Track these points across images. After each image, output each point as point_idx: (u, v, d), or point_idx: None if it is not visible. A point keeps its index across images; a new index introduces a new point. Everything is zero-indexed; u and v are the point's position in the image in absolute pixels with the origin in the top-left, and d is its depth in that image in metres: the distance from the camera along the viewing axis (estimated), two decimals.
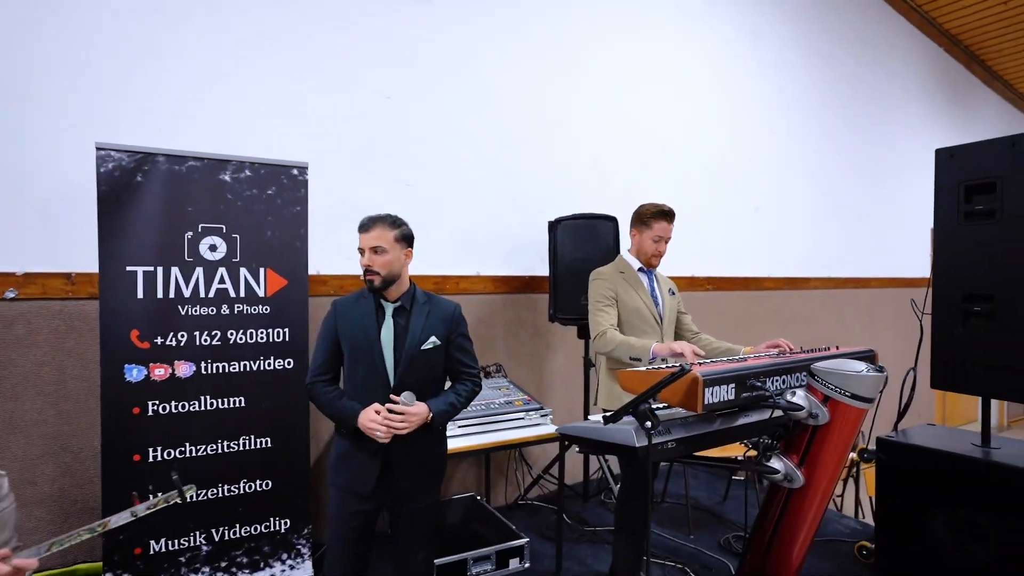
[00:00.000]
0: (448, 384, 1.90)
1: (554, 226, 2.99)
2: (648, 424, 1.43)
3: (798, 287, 4.75)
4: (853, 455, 2.84)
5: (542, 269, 3.28)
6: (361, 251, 1.78)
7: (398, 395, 1.70)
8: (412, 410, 1.69)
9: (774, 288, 4.59)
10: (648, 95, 3.86)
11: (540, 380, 3.40)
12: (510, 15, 3.30)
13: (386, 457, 1.73)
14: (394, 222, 1.80)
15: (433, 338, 1.80)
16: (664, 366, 1.82)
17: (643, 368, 1.82)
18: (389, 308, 1.80)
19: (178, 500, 1.50)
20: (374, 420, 1.66)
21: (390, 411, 1.67)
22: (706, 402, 1.52)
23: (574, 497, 3.25)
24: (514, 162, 3.32)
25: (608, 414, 1.66)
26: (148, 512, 1.45)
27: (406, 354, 1.76)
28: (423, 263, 2.74)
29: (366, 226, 1.78)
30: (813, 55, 4.89)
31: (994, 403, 2.52)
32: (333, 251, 2.70)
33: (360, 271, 1.80)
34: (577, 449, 1.86)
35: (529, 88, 3.36)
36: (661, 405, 1.73)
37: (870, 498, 2.96)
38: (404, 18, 2.97)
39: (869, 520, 3.01)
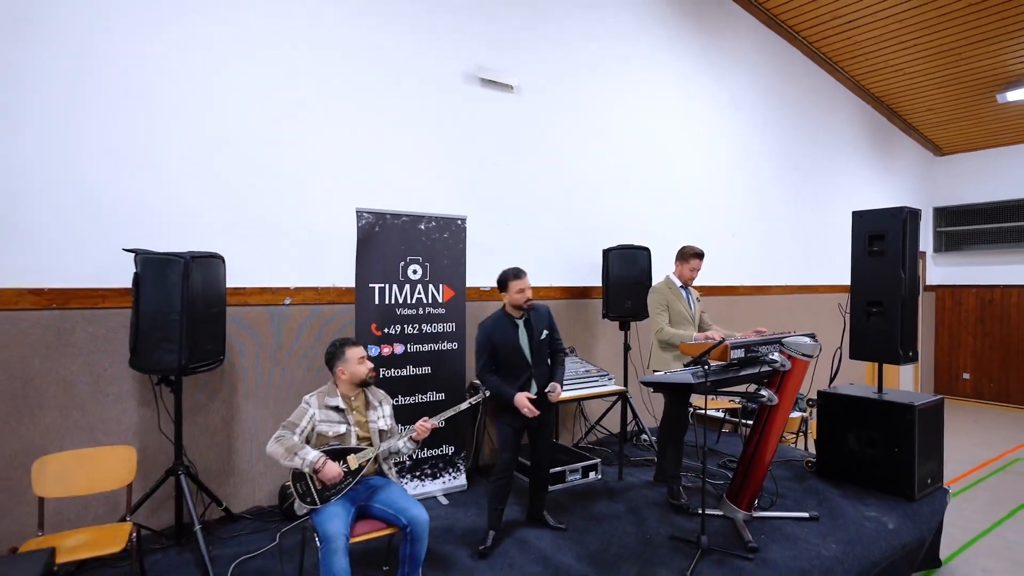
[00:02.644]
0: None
1: (607, 253, 4.38)
2: (704, 367, 2.83)
3: (763, 293, 6.28)
4: (804, 413, 4.37)
5: (592, 281, 4.68)
6: (522, 290, 2.93)
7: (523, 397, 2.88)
8: (557, 392, 2.96)
9: (746, 294, 6.10)
10: (660, 157, 5.30)
11: (593, 358, 4.78)
12: (571, 101, 4.66)
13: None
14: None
15: (544, 331, 3.10)
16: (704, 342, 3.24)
17: (694, 343, 3.24)
18: (520, 322, 2.98)
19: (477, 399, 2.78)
20: (526, 405, 2.83)
21: (539, 396, 2.93)
22: (731, 358, 2.94)
23: (616, 441, 4.64)
24: (573, 209, 4.69)
25: (675, 371, 3.05)
26: (469, 405, 2.74)
27: (535, 345, 3.01)
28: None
29: (524, 274, 2.96)
30: (775, 114, 6.44)
31: (908, 382, 4.02)
32: (476, 273, 3.97)
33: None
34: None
35: (583, 155, 4.74)
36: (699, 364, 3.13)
37: (814, 440, 4.44)
38: (503, 106, 4.30)
39: (812, 450, 4.50)
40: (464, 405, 2.74)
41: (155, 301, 2.60)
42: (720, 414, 5.08)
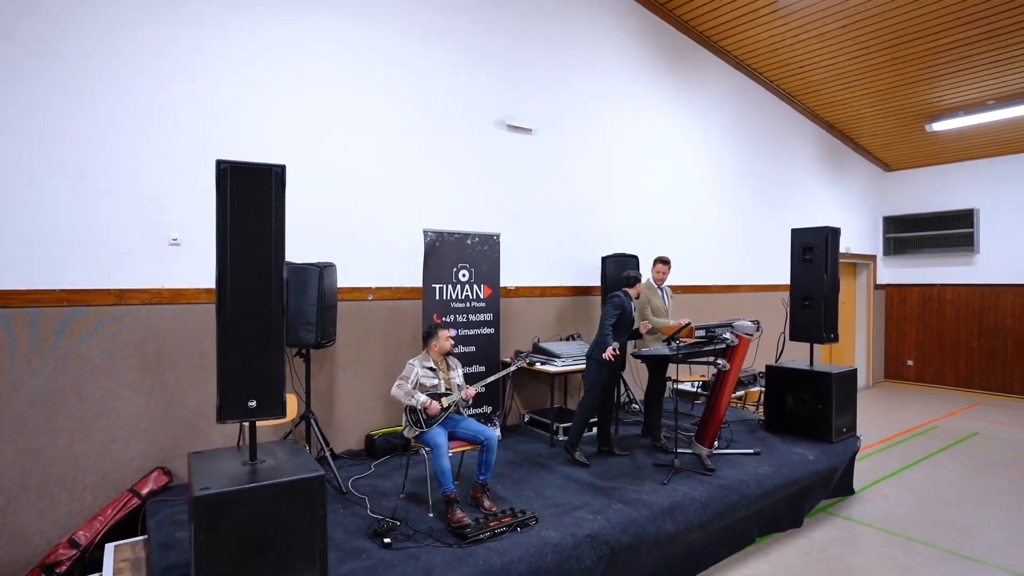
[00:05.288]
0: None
1: (605, 260, 5.60)
2: (674, 343, 4.05)
3: (731, 291, 7.55)
4: (756, 389, 5.61)
5: (593, 282, 5.90)
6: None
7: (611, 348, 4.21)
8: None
9: (718, 292, 7.36)
10: (647, 179, 6.53)
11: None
12: (576, 137, 5.88)
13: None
14: None
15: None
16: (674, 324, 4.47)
17: (670, 325, 4.47)
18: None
19: (518, 366, 3.99)
20: (610, 354, 4.09)
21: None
22: (696, 336, 4.16)
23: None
24: (579, 224, 5.90)
25: (655, 348, 4.27)
26: (511, 371, 3.96)
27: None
28: (540, 279, 5.32)
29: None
30: (743, 139, 7.69)
31: (861, 368, 5.27)
32: (505, 276, 5.17)
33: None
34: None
35: (586, 180, 5.95)
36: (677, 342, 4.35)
37: (763, 403, 5.68)
38: (524, 145, 5.50)
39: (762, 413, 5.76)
40: (497, 375, 3.96)
41: (299, 297, 3.76)
42: (694, 388, 6.33)
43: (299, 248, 4.22)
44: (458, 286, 4.69)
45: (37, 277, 3.38)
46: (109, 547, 3.17)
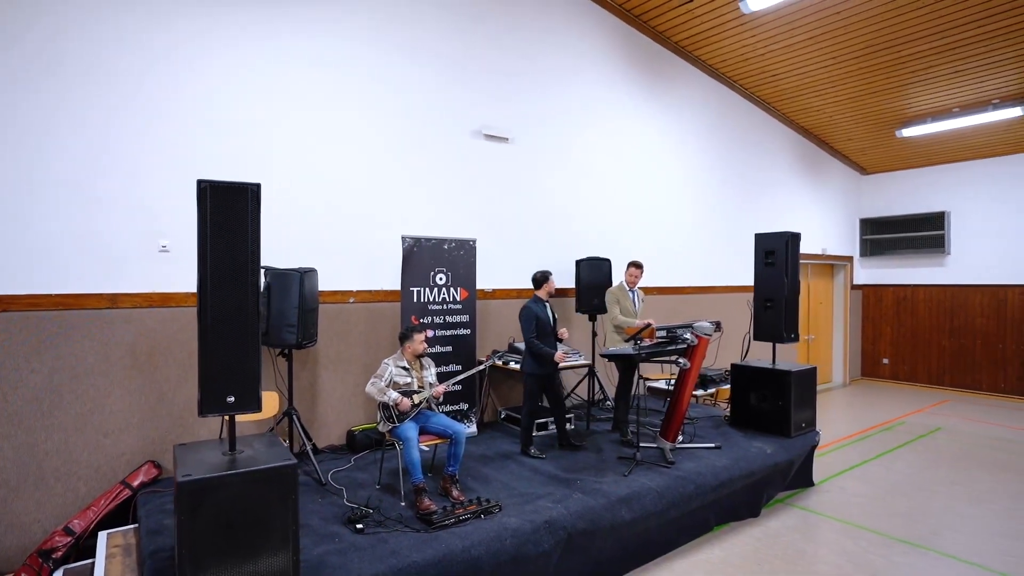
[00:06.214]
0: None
1: (579, 263, 5.84)
2: (637, 343, 4.30)
3: (706, 292, 7.80)
4: (727, 386, 5.87)
5: (568, 284, 6.15)
6: (551, 284, 4.53)
7: (560, 352, 4.48)
8: (562, 332, 4.50)
9: (693, 293, 7.62)
10: (622, 185, 6.78)
11: (569, 342, 6.24)
12: (552, 146, 6.12)
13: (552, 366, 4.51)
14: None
15: (555, 313, 4.60)
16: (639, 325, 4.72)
17: (633, 327, 4.72)
18: (548, 306, 4.56)
19: (487, 364, 4.23)
20: (561, 359, 4.39)
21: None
22: (656, 337, 4.41)
23: (586, 405, 6.12)
24: (556, 228, 6.15)
25: (620, 347, 4.52)
26: (479, 370, 4.20)
27: (553, 319, 4.54)
28: (516, 281, 5.57)
29: (551, 276, 4.54)
30: (719, 145, 7.95)
31: (839, 366, 5.55)
32: (483, 278, 5.42)
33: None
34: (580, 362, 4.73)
35: (562, 186, 6.20)
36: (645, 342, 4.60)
37: (729, 399, 5.95)
38: (501, 154, 5.74)
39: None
40: (466, 374, 4.21)
41: (281, 300, 4.00)
42: (666, 386, 6.58)
43: (285, 254, 4.46)
44: (435, 289, 4.93)
45: (36, 283, 3.62)
46: (102, 535, 3.41)
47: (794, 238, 5.28)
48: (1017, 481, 5.44)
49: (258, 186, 2.58)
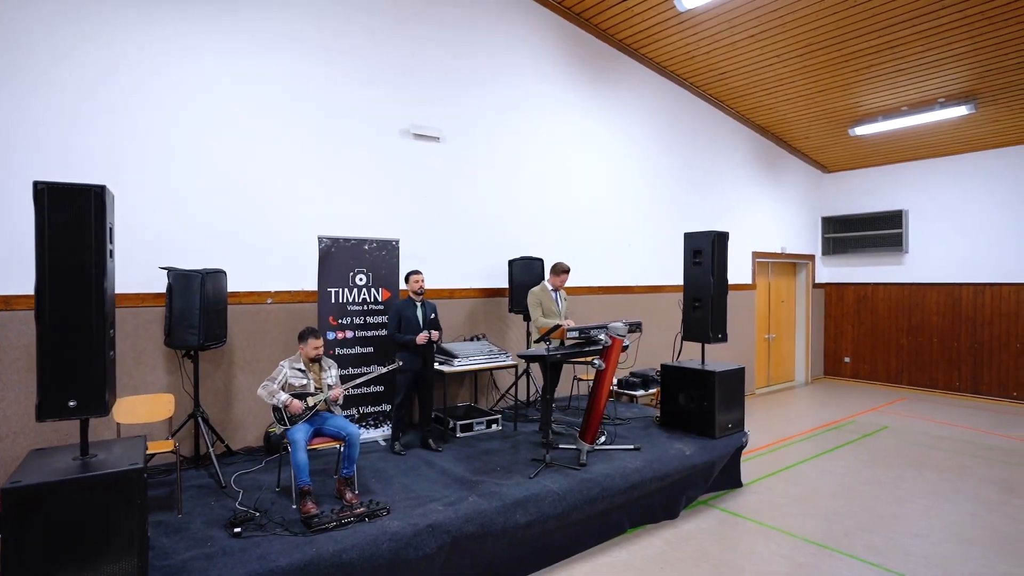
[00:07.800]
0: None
1: (512, 263, 5.81)
2: (548, 345, 4.27)
3: (656, 291, 7.78)
4: (655, 391, 5.84)
5: (502, 283, 6.11)
6: (417, 281, 4.52)
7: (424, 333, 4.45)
8: (434, 335, 4.47)
9: (641, 292, 7.59)
10: (563, 182, 6.74)
11: (502, 341, 6.21)
12: (485, 144, 6.08)
13: (423, 357, 4.50)
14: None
15: (432, 314, 4.58)
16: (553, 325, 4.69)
17: (549, 325, 4.69)
18: (418, 305, 4.55)
19: (390, 367, 4.20)
20: (423, 339, 4.39)
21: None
22: (567, 338, 4.38)
23: (523, 405, 6.09)
24: (489, 228, 6.11)
25: (534, 349, 4.49)
26: (382, 373, 4.17)
27: (426, 318, 4.52)
28: (449, 281, 5.53)
29: (419, 271, 4.53)
30: (671, 143, 7.91)
31: (801, 365, 5.55)
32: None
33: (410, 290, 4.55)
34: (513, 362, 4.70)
35: (495, 186, 6.16)
36: (559, 344, 4.57)
37: (659, 401, 5.92)
38: (431, 153, 5.70)
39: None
40: (366, 377, 4.17)
41: (183, 301, 3.96)
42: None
43: (200, 255, 4.42)
44: (355, 290, 4.89)
45: None
46: None
47: (720, 237, 5.26)
48: (942, 480, 5.44)
49: (103, 188, 2.54)
